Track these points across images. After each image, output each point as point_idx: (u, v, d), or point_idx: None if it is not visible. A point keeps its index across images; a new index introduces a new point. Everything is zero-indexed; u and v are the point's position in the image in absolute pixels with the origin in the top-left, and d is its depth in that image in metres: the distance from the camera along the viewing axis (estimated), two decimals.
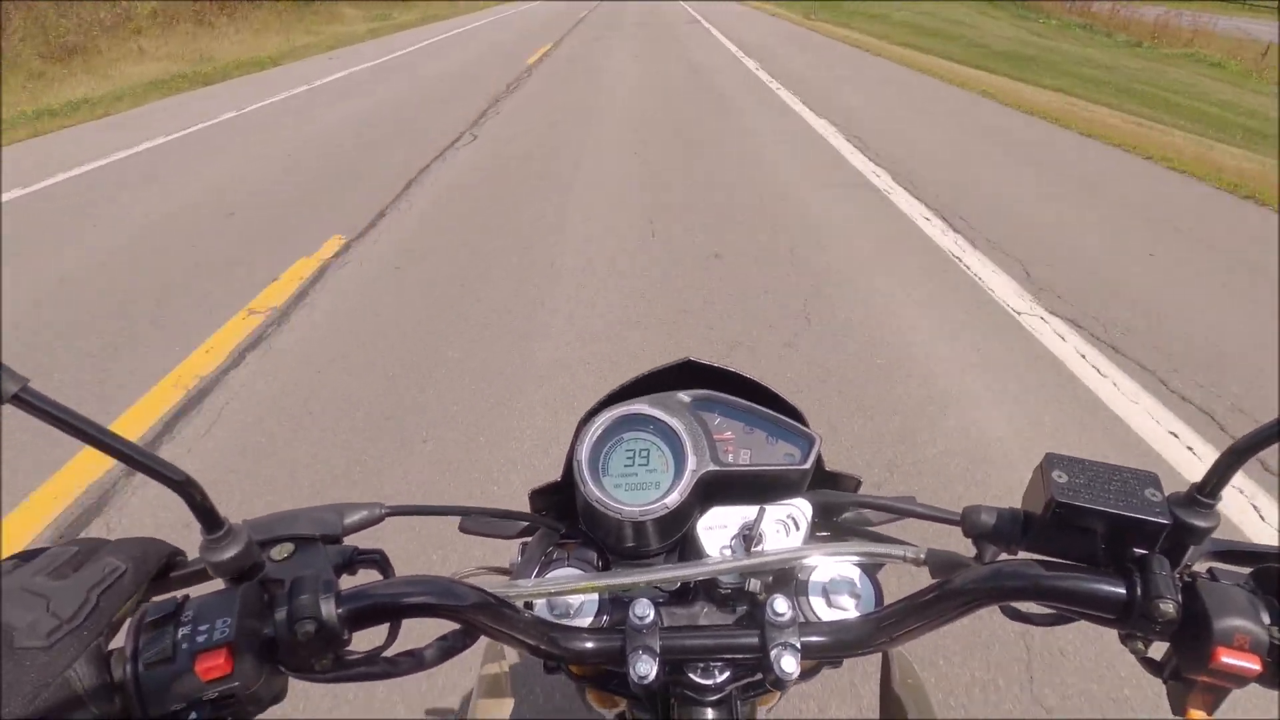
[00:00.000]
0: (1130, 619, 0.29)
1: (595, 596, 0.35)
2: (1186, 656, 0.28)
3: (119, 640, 0.27)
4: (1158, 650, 0.30)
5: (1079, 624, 0.31)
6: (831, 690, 1.04)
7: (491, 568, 0.37)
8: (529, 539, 0.39)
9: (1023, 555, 0.32)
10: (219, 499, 0.41)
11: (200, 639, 0.26)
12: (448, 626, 0.31)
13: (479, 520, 0.40)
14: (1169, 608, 0.27)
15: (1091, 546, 0.30)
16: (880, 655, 0.43)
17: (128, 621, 0.28)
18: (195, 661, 0.26)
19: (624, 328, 1.84)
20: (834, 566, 0.35)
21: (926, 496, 0.78)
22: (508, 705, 0.42)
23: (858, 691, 1.04)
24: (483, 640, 0.33)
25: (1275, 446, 0.26)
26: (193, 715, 0.26)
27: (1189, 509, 0.29)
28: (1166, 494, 0.29)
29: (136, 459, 0.25)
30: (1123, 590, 0.29)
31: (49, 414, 0.23)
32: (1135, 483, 0.30)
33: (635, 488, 0.37)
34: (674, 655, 0.32)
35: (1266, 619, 0.27)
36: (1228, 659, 0.26)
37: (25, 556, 0.28)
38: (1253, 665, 0.26)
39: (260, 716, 0.28)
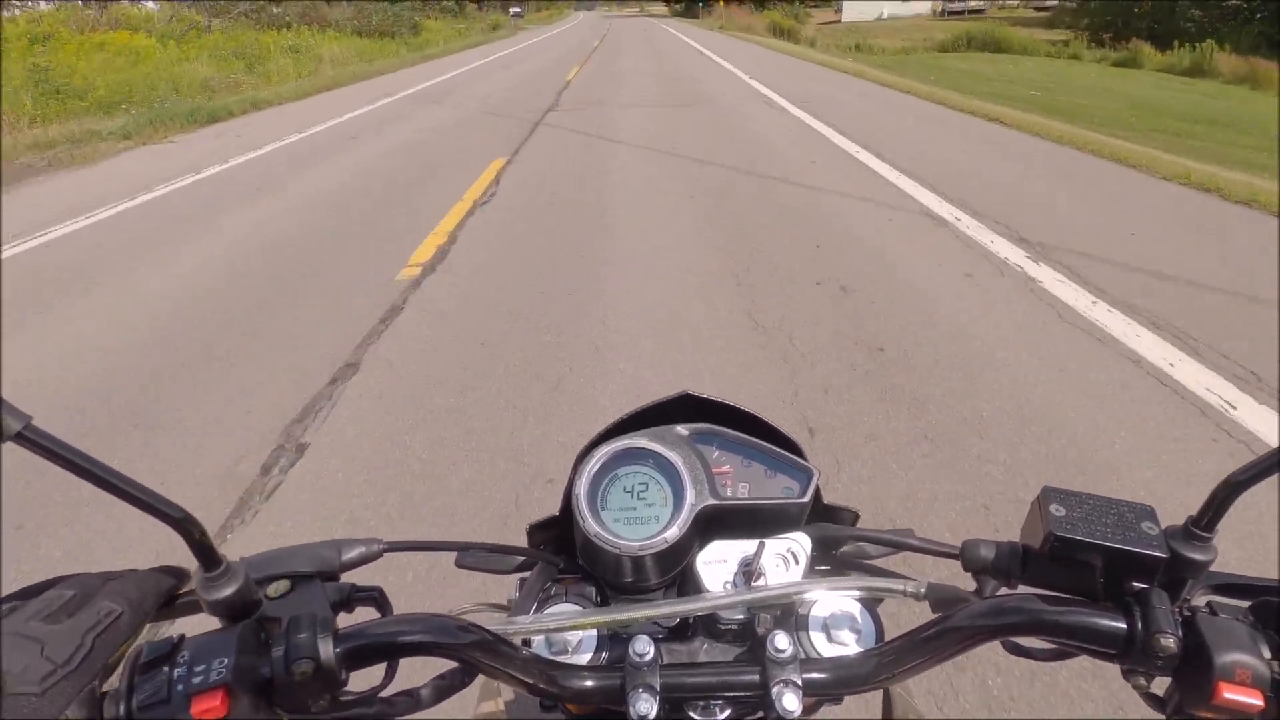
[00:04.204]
0: (1131, 654, 0.29)
1: (594, 632, 0.35)
2: (1189, 692, 0.28)
3: (115, 682, 0.27)
4: (1160, 686, 0.30)
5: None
6: None
7: (489, 604, 0.36)
8: (527, 574, 0.39)
9: (1022, 589, 0.32)
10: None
11: (196, 680, 0.26)
12: (445, 665, 0.31)
13: (476, 556, 0.39)
14: (1169, 643, 0.27)
15: (1090, 580, 0.30)
16: (881, 692, 0.42)
17: (122, 664, 0.27)
18: (191, 704, 0.26)
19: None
20: (834, 601, 0.35)
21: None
22: None
23: None
24: (480, 678, 0.32)
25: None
26: None
27: (1186, 542, 0.29)
28: (1164, 527, 0.29)
29: (138, 497, 0.25)
30: (1123, 625, 0.29)
31: (52, 452, 0.23)
32: (1132, 516, 0.30)
33: (634, 522, 0.37)
34: (674, 693, 0.32)
35: (1267, 653, 0.27)
36: (1230, 694, 0.26)
37: (27, 594, 0.28)
38: (1255, 701, 0.26)
39: None
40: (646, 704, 0.30)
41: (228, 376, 1.79)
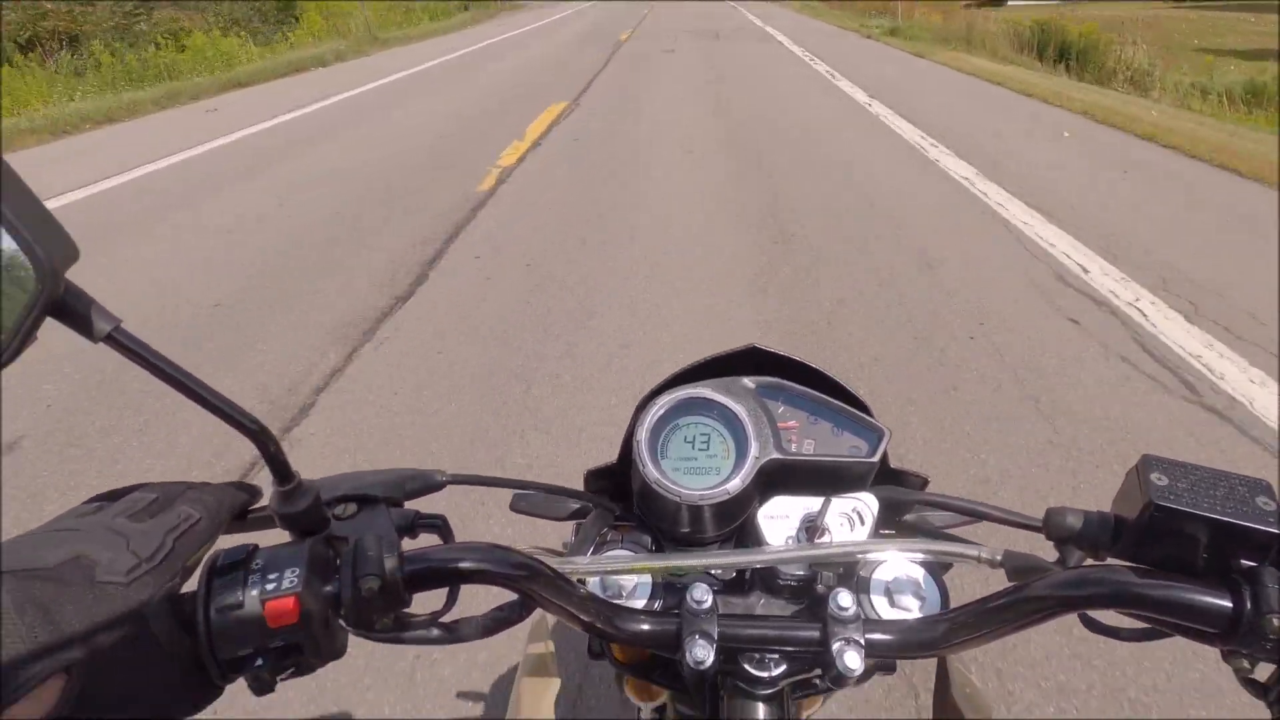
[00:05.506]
0: (1236, 635, 0.57)
1: (649, 580, 0.78)
2: None
3: (192, 584, 0.62)
4: (1263, 672, 0.60)
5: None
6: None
7: (544, 549, 0.75)
8: (579, 522, 0.83)
9: (1111, 563, 0.65)
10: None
11: (270, 586, 0.61)
12: (503, 598, 0.71)
13: (531, 500, 0.86)
14: None
15: (1191, 556, 0.60)
16: (935, 663, 0.83)
17: (199, 568, 0.63)
18: (264, 608, 0.59)
19: None
20: (898, 565, 0.76)
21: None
22: (554, 685, 0.86)
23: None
24: (528, 621, 0.71)
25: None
26: (258, 661, 0.61)
27: None
28: None
29: (217, 406, 0.60)
30: (1229, 603, 0.58)
31: (138, 355, 0.56)
32: (1244, 489, 0.59)
33: (694, 472, 0.82)
34: (731, 643, 0.71)
35: None
36: None
37: (110, 496, 0.66)
38: None
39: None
40: (703, 650, 0.69)
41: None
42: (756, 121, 12.18)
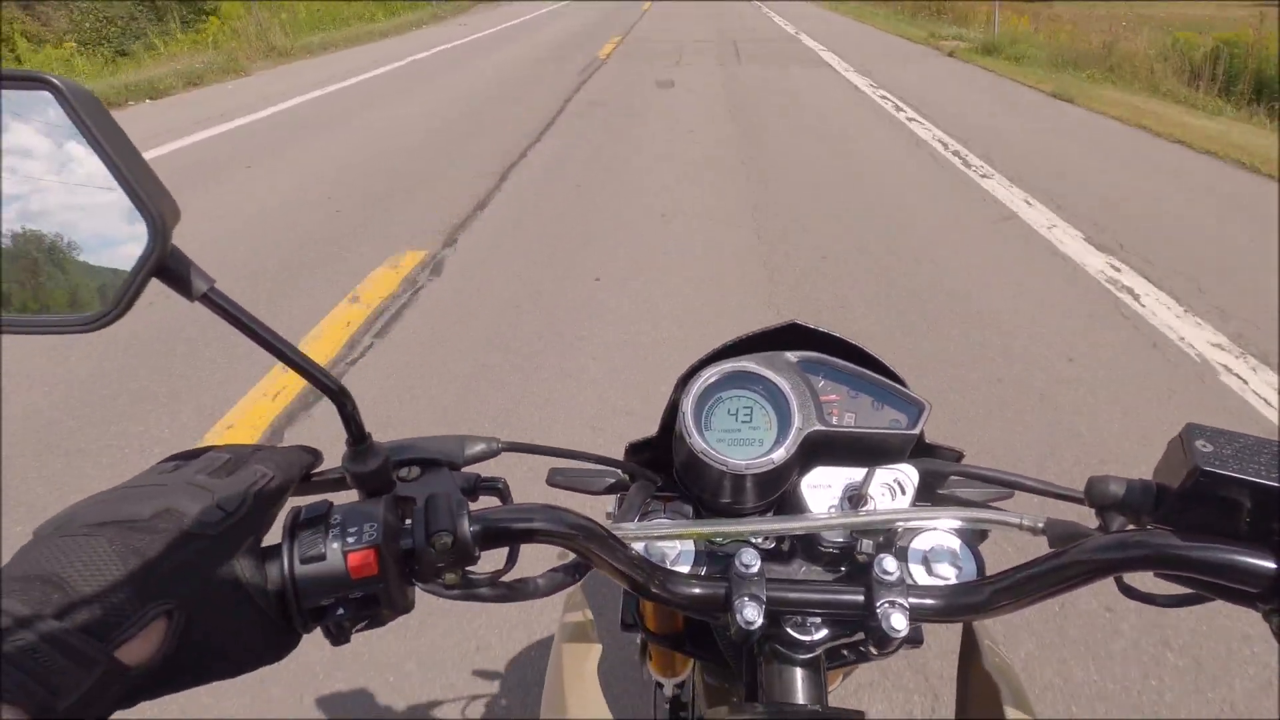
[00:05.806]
0: (1278, 596, 0.80)
1: (692, 549, 1.18)
2: None
3: (268, 540, 0.94)
4: None
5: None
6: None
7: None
8: (615, 495, 1.23)
9: (1151, 528, 0.91)
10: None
11: (350, 539, 0.92)
12: (557, 563, 1.07)
13: (568, 475, 1.24)
14: None
15: (1234, 521, 0.84)
16: (961, 639, 1.21)
17: (278, 523, 0.95)
18: (346, 559, 0.90)
19: None
20: (936, 535, 1.11)
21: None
22: (595, 651, 1.20)
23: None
24: (563, 594, 1.08)
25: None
26: (339, 611, 0.93)
27: None
28: None
29: (301, 365, 0.92)
30: (1272, 564, 0.81)
31: (229, 314, 0.86)
32: None
33: (739, 443, 1.25)
34: (778, 606, 1.05)
35: None
36: None
37: (185, 457, 0.98)
38: None
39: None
40: (753, 611, 1.03)
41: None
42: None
